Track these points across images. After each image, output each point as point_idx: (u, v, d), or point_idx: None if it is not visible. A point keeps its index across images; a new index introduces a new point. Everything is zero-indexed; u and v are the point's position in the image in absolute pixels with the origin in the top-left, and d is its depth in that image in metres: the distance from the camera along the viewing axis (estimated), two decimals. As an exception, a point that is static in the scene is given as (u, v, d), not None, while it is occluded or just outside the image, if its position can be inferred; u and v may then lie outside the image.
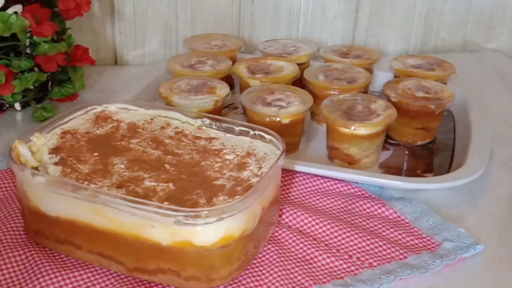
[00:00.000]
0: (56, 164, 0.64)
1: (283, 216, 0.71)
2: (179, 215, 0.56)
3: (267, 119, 0.80)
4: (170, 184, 0.62)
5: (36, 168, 0.63)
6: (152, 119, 0.74)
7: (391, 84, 0.90)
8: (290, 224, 0.70)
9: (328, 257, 0.65)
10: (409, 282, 0.63)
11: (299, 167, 0.77)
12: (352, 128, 0.78)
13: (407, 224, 0.71)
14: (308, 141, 0.88)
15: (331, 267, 0.64)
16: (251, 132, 0.70)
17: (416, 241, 0.68)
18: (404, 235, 0.69)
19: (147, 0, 1.11)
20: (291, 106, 0.82)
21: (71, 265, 0.62)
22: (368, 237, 0.68)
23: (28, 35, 0.87)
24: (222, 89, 0.87)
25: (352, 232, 0.68)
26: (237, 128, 0.71)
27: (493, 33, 1.26)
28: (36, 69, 0.90)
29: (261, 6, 1.16)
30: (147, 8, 1.12)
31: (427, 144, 0.88)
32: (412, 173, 0.82)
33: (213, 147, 0.69)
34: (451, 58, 1.01)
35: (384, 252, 0.66)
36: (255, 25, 1.17)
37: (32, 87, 0.90)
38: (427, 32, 1.24)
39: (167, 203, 0.58)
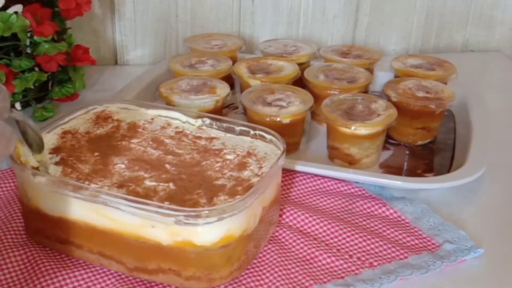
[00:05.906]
0: (56, 164, 0.64)
1: (284, 216, 0.71)
2: (180, 215, 0.56)
3: (268, 119, 0.80)
4: (171, 184, 0.62)
5: (37, 168, 0.63)
6: (152, 119, 0.74)
7: (391, 84, 0.90)
8: (290, 224, 0.70)
9: (329, 256, 0.65)
10: (410, 282, 0.63)
11: (299, 167, 0.77)
12: (353, 128, 0.78)
13: (407, 224, 0.71)
14: (309, 141, 0.88)
15: (331, 267, 0.64)
16: (252, 132, 0.70)
17: (417, 241, 0.68)
18: (404, 235, 0.69)
19: (147, 0, 1.11)
20: (291, 106, 0.82)
21: (72, 265, 0.62)
22: (369, 237, 0.68)
23: (29, 35, 0.87)
24: (223, 89, 0.86)
25: (353, 232, 0.68)
26: (238, 128, 0.71)
27: (493, 33, 1.26)
28: (36, 69, 0.89)
29: (261, 6, 1.16)
30: (147, 8, 1.12)
31: (427, 144, 0.88)
32: (412, 173, 0.82)
33: (214, 147, 0.69)
34: (451, 58, 1.01)
35: (384, 252, 0.66)
36: (255, 25, 1.17)
37: (32, 87, 0.90)
38: (427, 32, 1.23)
39: (167, 203, 0.58)
